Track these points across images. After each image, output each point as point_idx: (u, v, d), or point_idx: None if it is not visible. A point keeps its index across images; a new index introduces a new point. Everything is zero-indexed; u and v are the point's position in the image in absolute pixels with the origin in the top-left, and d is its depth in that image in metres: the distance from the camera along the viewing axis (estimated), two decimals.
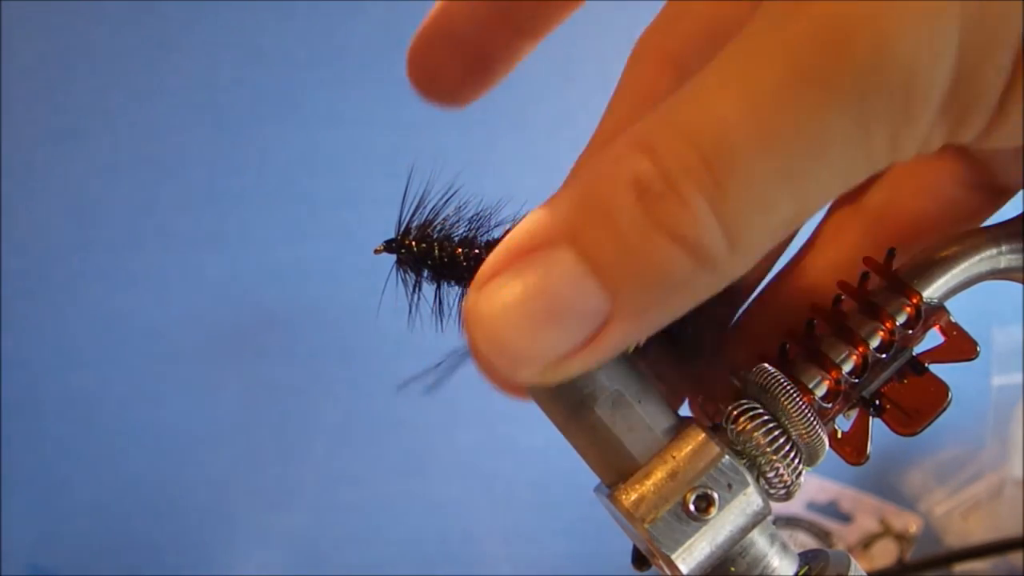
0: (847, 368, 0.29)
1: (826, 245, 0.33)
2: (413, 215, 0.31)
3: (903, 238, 0.31)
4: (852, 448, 0.30)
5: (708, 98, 0.22)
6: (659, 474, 0.27)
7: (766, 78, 0.21)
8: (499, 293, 0.23)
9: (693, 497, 0.27)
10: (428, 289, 0.31)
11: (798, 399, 0.28)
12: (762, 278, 0.34)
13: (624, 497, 0.27)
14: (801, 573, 0.29)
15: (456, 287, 0.31)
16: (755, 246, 0.23)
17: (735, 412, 0.28)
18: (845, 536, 0.82)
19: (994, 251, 0.30)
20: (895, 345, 0.29)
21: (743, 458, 0.28)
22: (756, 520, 0.27)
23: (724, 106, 0.22)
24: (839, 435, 0.30)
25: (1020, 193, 0.32)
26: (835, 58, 0.21)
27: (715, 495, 0.27)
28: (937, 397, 0.29)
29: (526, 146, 0.92)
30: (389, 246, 0.31)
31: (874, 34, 0.21)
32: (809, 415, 0.28)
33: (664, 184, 0.22)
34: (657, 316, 0.24)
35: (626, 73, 0.33)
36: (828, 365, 0.29)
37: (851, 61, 0.21)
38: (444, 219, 0.31)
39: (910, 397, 0.29)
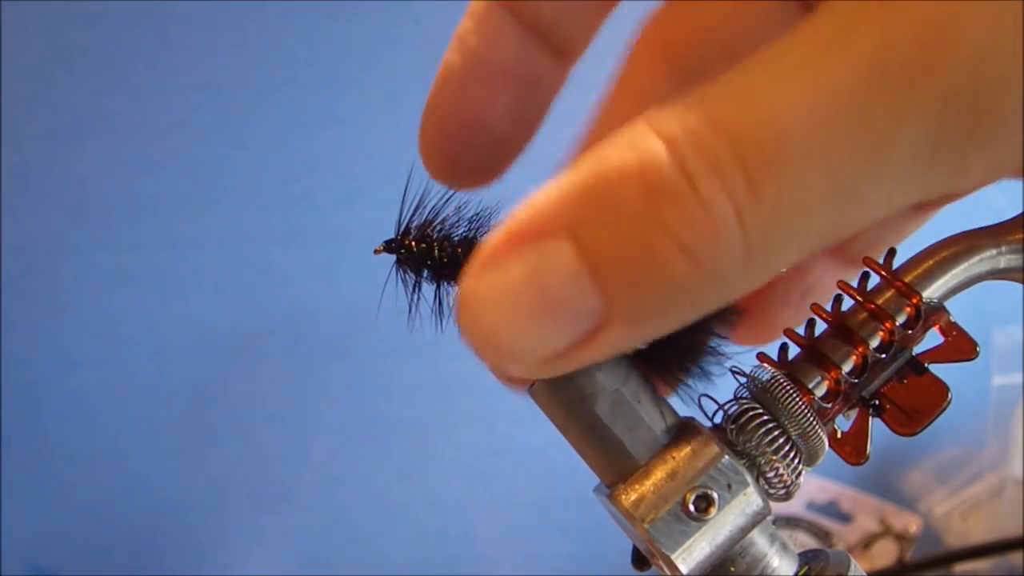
0: (847, 368, 0.29)
1: None
2: (413, 215, 0.31)
3: None
4: (852, 448, 0.30)
5: (757, 90, 0.20)
6: (659, 474, 0.27)
7: (843, 74, 0.19)
8: (492, 280, 0.22)
9: (693, 497, 0.27)
10: (428, 289, 0.31)
11: (798, 399, 0.28)
12: None
13: (624, 497, 0.27)
14: (801, 573, 0.29)
15: (456, 287, 0.31)
16: (776, 261, 0.21)
17: (735, 412, 0.28)
18: (845, 536, 0.82)
19: (994, 251, 0.30)
20: (895, 345, 0.29)
21: (743, 458, 0.28)
22: (756, 520, 0.27)
23: (780, 100, 0.19)
24: (839, 435, 0.30)
25: (1020, 193, 0.31)
26: (934, 59, 0.19)
27: (715, 495, 0.27)
28: (937, 397, 0.29)
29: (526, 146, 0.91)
30: (389, 246, 0.31)
31: (985, 39, 0.19)
32: (809, 415, 0.28)
33: (682, 180, 0.20)
34: (656, 325, 0.22)
35: (624, 68, 0.32)
36: (828, 365, 0.29)
37: (951, 65, 0.19)
38: (444, 219, 0.31)
39: (910, 397, 0.29)
